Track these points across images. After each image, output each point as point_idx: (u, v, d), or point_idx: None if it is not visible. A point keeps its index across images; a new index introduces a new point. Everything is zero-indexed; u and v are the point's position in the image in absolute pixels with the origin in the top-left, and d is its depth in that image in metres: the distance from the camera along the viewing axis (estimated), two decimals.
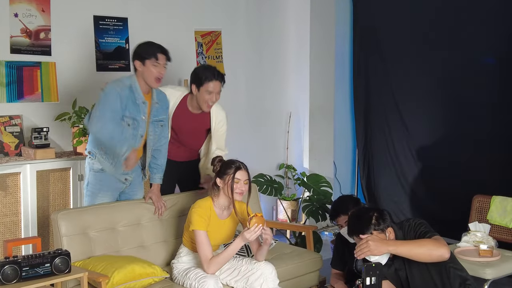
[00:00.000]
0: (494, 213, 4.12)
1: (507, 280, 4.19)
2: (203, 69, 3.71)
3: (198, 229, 3.17)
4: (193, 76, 3.71)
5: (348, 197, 3.66)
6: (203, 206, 3.27)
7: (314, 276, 3.88)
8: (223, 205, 3.32)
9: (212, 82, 3.63)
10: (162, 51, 3.48)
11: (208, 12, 5.37)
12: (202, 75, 3.65)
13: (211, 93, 3.65)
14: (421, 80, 5.58)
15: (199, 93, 3.66)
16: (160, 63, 3.46)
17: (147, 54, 3.44)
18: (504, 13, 4.90)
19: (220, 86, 3.69)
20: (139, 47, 3.51)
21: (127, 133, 3.48)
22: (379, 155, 6.01)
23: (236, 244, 3.17)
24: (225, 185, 3.24)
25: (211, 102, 3.68)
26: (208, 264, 3.15)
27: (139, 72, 3.47)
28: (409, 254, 2.71)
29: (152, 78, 3.45)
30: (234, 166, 3.26)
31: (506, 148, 4.90)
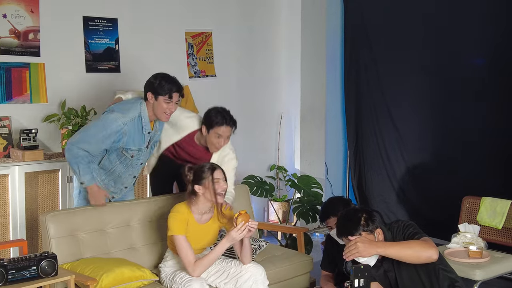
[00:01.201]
0: (484, 214, 4.13)
1: (497, 281, 4.20)
2: (216, 112, 3.63)
3: (176, 234, 3.13)
4: (205, 117, 3.65)
5: (338, 198, 3.65)
6: (180, 211, 3.22)
7: (304, 278, 3.87)
8: (203, 210, 3.27)
9: (223, 126, 3.58)
10: (178, 89, 3.43)
11: (198, 13, 5.36)
12: (214, 119, 3.59)
13: (220, 137, 3.61)
14: (412, 81, 5.59)
15: (209, 135, 3.62)
16: (173, 100, 3.42)
17: (162, 90, 3.39)
18: (493, 13, 4.91)
19: (230, 131, 3.64)
20: (156, 80, 3.43)
21: (129, 162, 3.49)
22: (370, 156, 6.02)
23: (222, 245, 3.14)
24: (206, 189, 3.19)
25: (219, 145, 3.64)
26: (193, 267, 3.11)
27: (150, 104, 3.43)
28: (398, 255, 2.70)
29: (163, 113, 3.43)
30: (208, 168, 3.22)
31: (496, 149, 4.92)
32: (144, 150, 3.52)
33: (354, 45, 6.12)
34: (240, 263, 3.27)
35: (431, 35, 5.37)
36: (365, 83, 6.02)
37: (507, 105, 4.67)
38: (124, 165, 3.51)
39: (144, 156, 3.55)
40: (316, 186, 5.21)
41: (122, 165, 3.50)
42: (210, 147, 3.67)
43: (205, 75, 5.39)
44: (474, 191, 4.36)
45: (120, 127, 3.34)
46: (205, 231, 3.30)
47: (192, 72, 5.29)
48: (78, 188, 3.57)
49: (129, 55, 4.85)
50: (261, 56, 5.89)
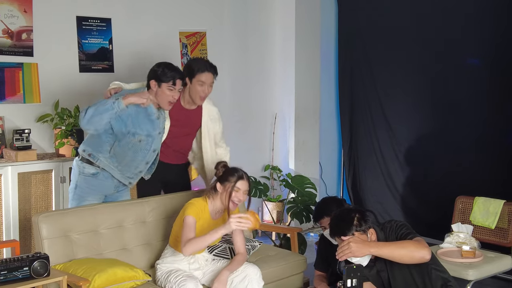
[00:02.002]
0: (477, 214, 4.13)
1: (490, 281, 4.22)
2: (196, 61, 3.73)
3: (189, 215, 3.15)
4: (186, 68, 3.71)
5: (331, 198, 3.65)
6: (198, 202, 3.27)
7: (298, 278, 3.87)
8: (217, 208, 3.32)
9: (204, 73, 3.64)
10: (181, 77, 3.49)
11: (192, 13, 5.35)
12: (195, 67, 3.65)
13: (204, 84, 3.65)
14: (406, 81, 5.60)
15: (192, 85, 3.66)
16: (176, 87, 3.47)
17: (166, 77, 3.44)
18: (489, 14, 4.92)
19: (212, 77, 3.69)
20: (159, 68, 3.48)
21: (138, 147, 3.51)
22: (365, 156, 6.03)
23: (217, 230, 3.08)
24: (224, 191, 3.24)
25: (204, 94, 3.68)
26: (184, 244, 3.08)
27: (152, 91, 3.47)
28: (391, 255, 2.71)
29: (166, 101, 3.47)
30: (237, 174, 3.26)
31: (489, 149, 4.93)
32: (157, 137, 3.54)
33: (348, 45, 6.13)
34: None
35: (427, 35, 5.38)
36: (359, 83, 6.03)
37: (504, 105, 4.68)
38: (133, 151, 3.52)
39: (156, 143, 3.56)
40: (310, 186, 5.21)
41: (131, 151, 3.52)
42: (195, 99, 3.70)
43: None
44: (468, 191, 4.37)
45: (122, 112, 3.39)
46: (213, 227, 3.28)
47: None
48: (75, 182, 3.57)
49: (123, 55, 4.84)
50: (255, 56, 5.88)
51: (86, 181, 3.54)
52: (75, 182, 3.57)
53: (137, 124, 3.46)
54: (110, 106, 3.37)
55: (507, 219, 4.01)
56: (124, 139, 3.49)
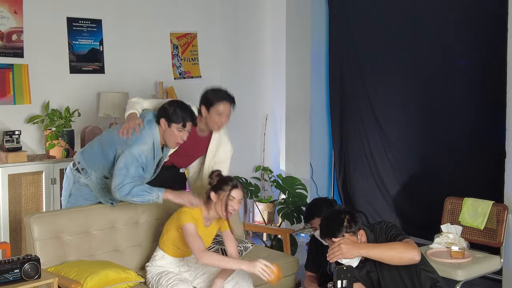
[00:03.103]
0: (466, 215, 4.17)
1: (480, 281, 4.25)
2: (213, 91, 3.64)
3: (188, 222, 3.11)
4: (204, 97, 3.64)
5: (322, 199, 3.66)
6: (192, 210, 3.22)
7: (290, 279, 3.88)
8: (211, 217, 3.28)
9: (222, 103, 3.57)
10: (192, 119, 3.40)
11: (183, 14, 5.35)
12: (213, 97, 3.59)
13: (221, 115, 3.58)
14: (396, 82, 5.62)
15: (209, 114, 3.59)
16: (186, 129, 3.38)
17: (177, 118, 3.34)
18: (476, 16, 4.96)
19: (230, 108, 3.62)
20: (171, 107, 3.36)
21: None
22: (355, 156, 6.05)
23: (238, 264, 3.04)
24: (219, 200, 3.20)
25: (221, 123, 3.62)
26: (202, 254, 3.03)
27: (161, 129, 3.38)
28: (381, 257, 2.73)
29: (174, 141, 3.39)
30: (231, 183, 3.21)
31: (478, 150, 4.97)
32: (148, 179, 3.46)
33: (338, 45, 6.15)
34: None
35: (417, 36, 5.41)
36: (350, 84, 6.05)
37: (492, 106, 4.72)
38: None
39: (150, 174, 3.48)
40: (300, 187, 5.23)
41: None
42: (212, 127, 3.64)
43: (190, 76, 5.38)
44: (458, 192, 4.40)
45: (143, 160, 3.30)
46: (206, 233, 3.30)
47: (177, 73, 5.29)
48: (69, 191, 3.53)
49: (114, 56, 4.83)
50: (246, 57, 5.89)
51: (80, 190, 3.51)
52: (69, 190, 3.53)
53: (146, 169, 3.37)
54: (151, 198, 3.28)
55: (495, 219, 4.05)
56: None
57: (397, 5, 5.59)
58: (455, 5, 5.10)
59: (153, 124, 3.40)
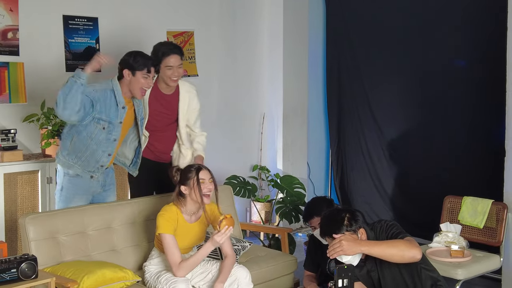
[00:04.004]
0: (465, 214, 4.15)
1: (479, 280, 4.24)
2: (159, 46, 3.70)
3: (165, 233, 3.13)
4: (152, 54, 3.67)
5: (321, 198, 3.65)
6: (170, 211, 3.22)
7: (288, 278, 3.87)
8: (191, 211, 3.27)
9: (170, 56, 3.63)
10: (154, 64, 3.47)
11: (180, 12, 5.32)
12: (159, 51, 3.64)
13: (172, 68, 3.64)
14: (394, 81, 5.61)
15: (162, 71, 3.66)
16: (150, 75, 3.44)
17: (140, 65, 3.40)
18: (475, 16, 4.95)
19: (179, 59, 3.67)
20: (130, 57, 3.44)
21: (100, 136, 3.44)
22: (353, 156, 6.04)
23: (206, 248, 3.13)
24: (191, 189, 3.19)
25: (174, 77, 3.67)
26: (177, 268, 3.10)
27: (126, 81, 3.44)
28: (382, 254, 2.71)
29: (139, 89, 3.44)
30: (194, 168, 3.23)
31: (478, 149, 4.96)
32: (117, 126, 3.47)
33: (336, 45, 6.13)
34: None
35: (415, 35, 5.40)
36: (348, 83, 6.04)
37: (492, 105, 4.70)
38: (96, 142, 3.45)
39: (116, 132, 3.49)
40: (298, 186, 5.21)
41: (93, 142, 3.45)
42: (168, 82, 3.69)
43: (187, 75, 5.35)
44: (457, 190, 4.38)
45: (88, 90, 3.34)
46: (194, 230, 3.29)
47: None
48: (61, 184, 3.53)
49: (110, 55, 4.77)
50: (244, 56, 5.87)
51: (71, 182, 3.51)
52: (60, 184, 3.54)
53: (104, 109, 3.39)
54: (72, 80, 3.29)
55: (495, 218, 4.04)
56: (85, 130, 3.40)
57: (396, 4, 5.58)
58: (454, 4, 5.09)
59: (111, 78, 3.48)
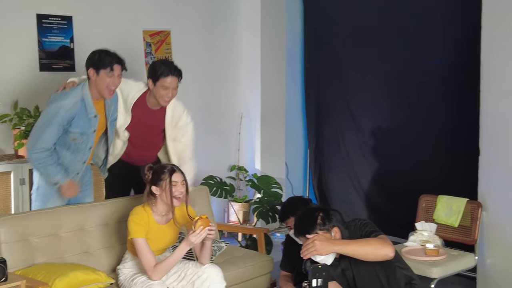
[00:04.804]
0: (440, 213, 4.18)
1: (454, 278, 4.26)
2: (160, 64, 3.62)
3: (137, 237, 3.08)
4: (150, 70, 3.63)
5: (297, 198, 3.65)
6: (140, 213, 3.17)
7: (265, 278, 3.86)
8: (162, 212, 3.22)
9: (168, 77, 3.55)
10: (118, 61, 3.36)
11: (156, 11, 5.28)
12: (159, 70, 3.56)
13: (167, 89, 3.57)
14: (372, 81, 5.63)
15: (155, 88, 3.58)
16: (115, 73, 3.34)
17: (103, 63, 3.31)
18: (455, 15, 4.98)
19: (177, 81, 3.61)
20: (94, 56, 3.37)
21: (75, 146, 3.39)
22: (331, 155, 6.04)
23: (181, 250, 3.09)
24: (162, 191, 3.14)
25: (168, 98, 3.60)
26: (153, 272, 3.07)
27: (92, 81, 3.35)
28: (355, 253, 2.71)
29: (105, 88, 3.34)
30: (167, 170, 3.16)
31: (454, 148, 4.99)
32: (91, 135, 3.42)
33: (314, 44, 6.14)
34: (197, 265, 3.24)
35: (393, 34, 5.41)
36: (325, 83, 6.05)
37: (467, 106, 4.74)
38: (71, 151, 3.40)
39: (91, 140, 3.44)
40: (276, 186, 5.20)
41: (69, 152, 3.39)
42: (159, 101, 3.62)
43: None
44: (433, 189, 4.41)
45: (63, 117, 3.27)
46: (166, 232, 3.25)
47: None
48: (37, 184, 3.47)
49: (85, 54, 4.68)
50: (221, 56, 5.84)
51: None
52: (37, 183, 3.48)
53: (77, 123, 3.34)
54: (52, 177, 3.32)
55: (470, 217, 4.07)
56: (59, 143, 3.35)
57: (373, 4, 5.60)
58: (431, 5, 5.12)
59: (83, 83, 3.39)
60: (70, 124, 3.31)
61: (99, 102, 3.44)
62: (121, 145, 3.76)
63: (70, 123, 3.31)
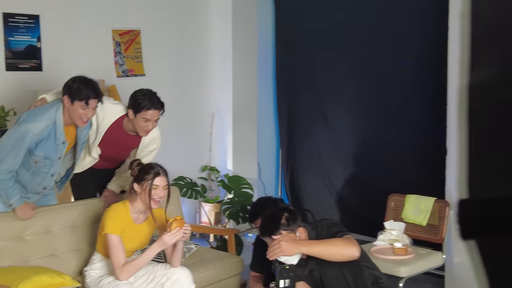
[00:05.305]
0: (409, 212, 4.21)
1: (423, 277, 4.30)
2: (143, 96, 3.50)
3: (111, 233, 3.06)
4: (132, 100, 3.51)
5: (266, 199, 3.63)
6: (119, 210, 3.16)
7: (235, 280, 3.84)
8: (140, 210, 3.22)
9: (150, 110, 3.46)
10: (96, 96, 3.23)
11: (126, 10, 5.22)
12: (141, 102, 3.46)
13: (148, 121, 3.49)
14: (343, 82, 5.64)
15: (136, 118, 3.49)
16: (90, 106, 3.23)
17: (79, 95, 3.18)
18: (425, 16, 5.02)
19: (158, 114, 3.52)
20: (73, 85, 3.21)
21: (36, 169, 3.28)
22: (303, 155, 6.05)
23: (152, 250, 3.07)
24: (142, 191, 3.13)
25: (148, 129, 3.52)
26: (120, 271, 3.04)
27: (66, 108, 3.24)
28: (321, 253, 2.72)
29: (78, 118, 3.24)
30: (152, 171, 3.15)
31: (423, 148, 5.03)
32: (56, 161, 3.30)
33: (285, 45, 6.14)
34: (166, 266, 3.22)
35: (363, 36, 5.43)
36: (297, 83, 6.05)
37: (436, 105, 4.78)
38: (30, 173, 3.29)
39: (55, 167, 3.33)
40: (247, 186, 5.19)
41: (28, 172, 3.29)
42: (138, 131, 3.55)
43: (134, 74, 5.26)
44: (403, 189, 4.44)
45: (32, 140, 3.16)
46: (140, 232, 3.23)
47: (120, 71, 5.16)
48: None
49: (52, 53, 4.67)
50: (192, 56, 5.80)
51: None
52: None
53: (44, 147, 3.23)
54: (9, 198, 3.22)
55: (437, 216, 4.11)
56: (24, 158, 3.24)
57: (343, 4, 5.62)
58: (400, 5, 5.16)
59: (58, 105, 3.26)
60: (36, 146, 3.20)
61: (71, 128, 3.33)
62: (90, 160, 3.69)
63: (36, 146, 3.20)
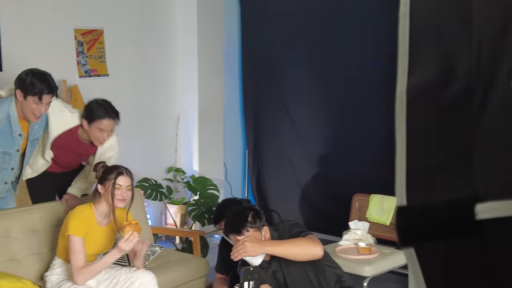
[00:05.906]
0: (373, 211, 4.25)
1: (389, 276, 4.34)
2: (97, 105, 3.43)
3: (74, 235, 3.00)
4: (86, 110, 3.44)
5: (231, 200, 3.63)
6: (83, 212, 3.11)
7: (201, 282, 3.81)
8: (104, 212, 3.18)
9: (104, 120, 3.39)
10: (49, 91, 3.14)
11: (88, 9, 5.13)
12: (96, 112, 3.39)
13: (103, 131, 3.42)
14: (309, 82, 5.66)
15: (90, 129, 3.41)
16: (44, 102, 3.14)
17: (32, 90, 3.09)
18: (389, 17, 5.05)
19: (113, 123, 3.45)
20: (26, 78, 3.12)
21: None
22: (270, 155, 6.05)
23: (111, 256, 3.03)
24: (106, 191, 3.11)
25: (103, 139, 3.45)
26: (78, 273, 2.98)
27: (18, 101, 3.15)
28: (285, 253, 2.72)
29: (31, 113, 3.16)
30: (115, 171, 3.13)
31: (387, 148, 5.05)
32: (14, 155, 3.24)
33: (251, 44, 6.13)
34: (130, 270, 3.18)
35: (328, 35, 5.46)
36: (262, 83, 6.05)
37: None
38: None
39: (13, 162, 3.26)
40: (212, 187, 5.16)
41: None
42: (94, 141, 3.48)
43: (97, 74, 5.18)
44: (368, 189, 4.48)
45: None
46: (103, 235, 3.19)
47: (82, 71, 5.07)
48: None
49: (12, 53, 4.56)
50: (157, 56, 5.74)
51: None
52: None
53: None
54: None
55: None
56: None
57: (310, 5, 5.63)
58: (366, 5, 5.20)
59: (10, 99, 3.18)
60: None
61: (25, 121, 3.26)
62: (43, 163, 3.60)
63: None
